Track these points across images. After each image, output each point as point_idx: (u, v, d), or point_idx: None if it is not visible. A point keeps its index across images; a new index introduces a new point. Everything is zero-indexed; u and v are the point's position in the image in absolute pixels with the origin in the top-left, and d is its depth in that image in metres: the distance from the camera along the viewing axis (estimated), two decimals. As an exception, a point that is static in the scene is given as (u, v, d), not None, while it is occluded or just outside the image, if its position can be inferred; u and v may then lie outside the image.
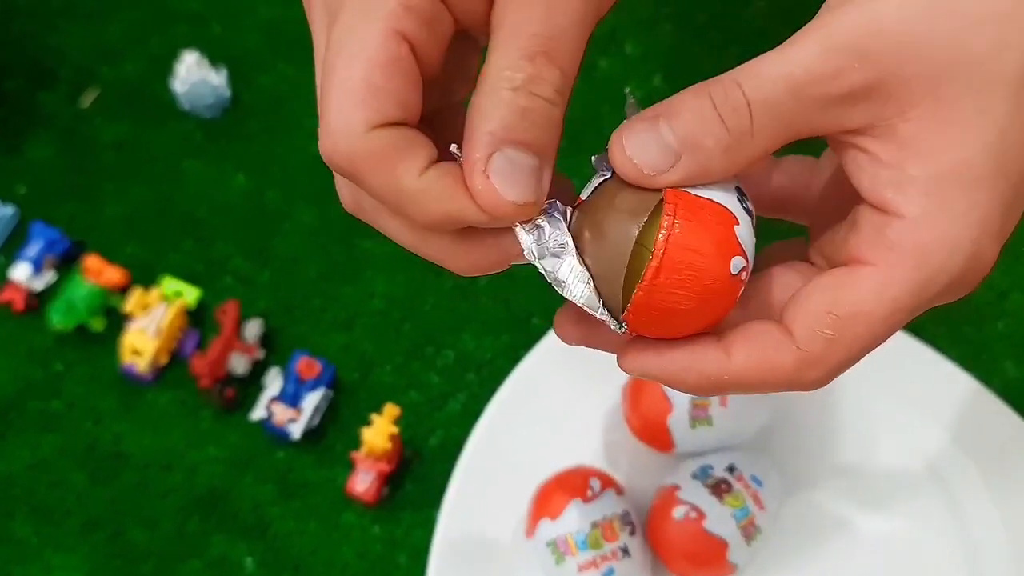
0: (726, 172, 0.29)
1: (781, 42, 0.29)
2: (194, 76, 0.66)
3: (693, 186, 0.29)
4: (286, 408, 0.59)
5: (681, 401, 0.54)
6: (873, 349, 0.29)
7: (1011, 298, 0.62)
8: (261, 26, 0.70)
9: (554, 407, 0.58)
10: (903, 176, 0.28)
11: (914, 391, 0.57)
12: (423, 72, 0.28)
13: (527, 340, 0.60)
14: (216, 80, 0.66)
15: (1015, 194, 0.28)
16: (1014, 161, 0.28)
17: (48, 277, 0.63)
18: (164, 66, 0.68)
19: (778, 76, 0.28)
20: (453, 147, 0.29)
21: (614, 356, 0.32)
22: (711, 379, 0.30)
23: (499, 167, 0.27)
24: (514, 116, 0.27)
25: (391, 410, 0.58)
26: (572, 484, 0.53)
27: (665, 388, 0.54)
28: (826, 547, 0.56)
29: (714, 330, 0.30)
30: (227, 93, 0.67)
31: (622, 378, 0.57)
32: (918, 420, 0.57)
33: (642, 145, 0.28)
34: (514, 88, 0.27)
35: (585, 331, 0.32)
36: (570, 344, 0.33)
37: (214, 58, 0.68)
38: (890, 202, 0.28)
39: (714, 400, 0.54)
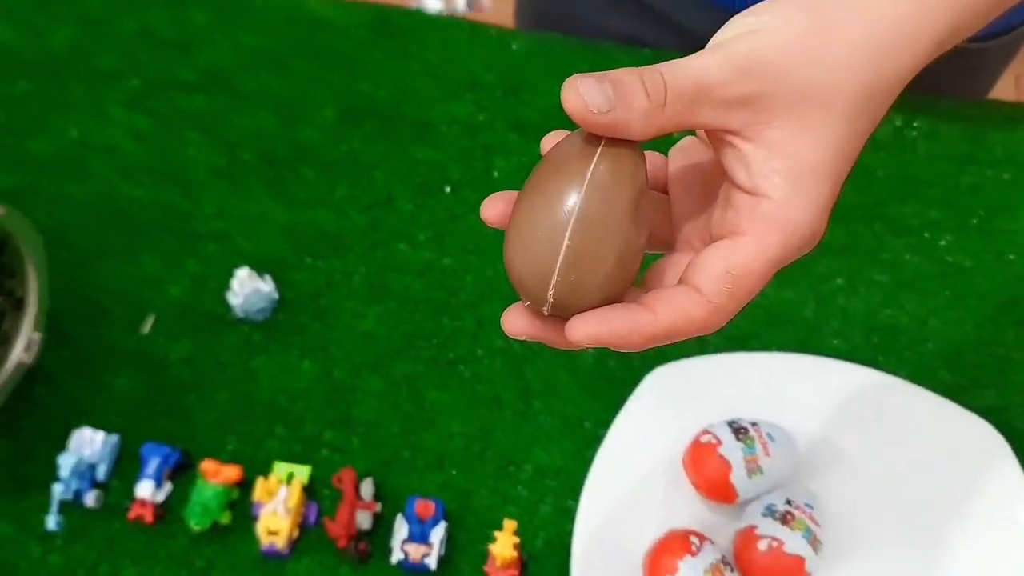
0: (642, 134, 0.38)
1: None
2: (247, 288, 0.76)
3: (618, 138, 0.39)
4: (417, 546, 0.70)
5: (736, 459, 0.69)
6: (756, 296, 0.40)
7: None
8: (280, 232, 0.81)
9: (629, 490, 0.72)
10: (770, 169, 0.39)
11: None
12: None
13: (586, 441, 0.74)
14: (266, 287, 0.77)
15: (839, 186, 0.40)
16: (843, 164, 0.40)
17: (167, 488, 0.72)
18: (205, 282, 0.78)
19: (689, 72, 0.38)
20: None
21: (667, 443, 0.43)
22: (645, 335, 0.39)
23: None
24: None
25: (509, 524, 0.70)
26: (676, 546, 0.67)
27: (720, 451, 0.70)
28: (869, 545, 0.72)
29: (633, 298, 0.40)
30: (276, 296, 0.78)
31: (678, 455, 0.72)
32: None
33: (590, 91, 0.37)
34: None
35: (531, 325, 0.41)
36: (514, 335, 0.41)
37: (257, 268, 0.78)
38: (760, 188, 0.39)
39: (760, 453, 0.70)
